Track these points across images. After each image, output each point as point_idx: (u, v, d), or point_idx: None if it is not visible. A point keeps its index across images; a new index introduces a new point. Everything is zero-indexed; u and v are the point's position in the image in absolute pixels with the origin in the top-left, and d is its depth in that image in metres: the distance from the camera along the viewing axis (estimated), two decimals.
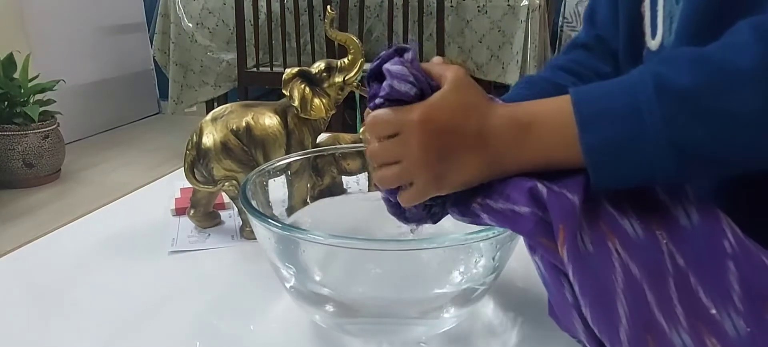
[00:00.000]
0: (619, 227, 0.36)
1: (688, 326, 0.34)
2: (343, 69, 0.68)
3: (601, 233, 0.36)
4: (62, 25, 2.83)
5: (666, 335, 0.34)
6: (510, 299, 0.55)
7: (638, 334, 0.34)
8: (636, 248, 0.36)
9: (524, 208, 0.37)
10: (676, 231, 0.37)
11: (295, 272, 0.48)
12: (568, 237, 0.35)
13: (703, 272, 0.36)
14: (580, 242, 0.35)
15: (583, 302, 0.35)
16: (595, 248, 0.36)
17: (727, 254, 0.36)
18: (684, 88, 0.34)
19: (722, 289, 0.35)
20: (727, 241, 0.36)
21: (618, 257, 0.35)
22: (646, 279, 0.35)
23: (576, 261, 0.35)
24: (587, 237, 0.36)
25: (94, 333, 0.51)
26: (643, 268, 0.35)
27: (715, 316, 0.34)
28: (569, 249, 0.35)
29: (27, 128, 2.20)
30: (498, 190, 0.39)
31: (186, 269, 0.62)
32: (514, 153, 0.39)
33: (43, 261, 0.65)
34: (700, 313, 0.35)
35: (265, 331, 0.51)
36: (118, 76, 3.22)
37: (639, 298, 0.35)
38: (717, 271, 0.35)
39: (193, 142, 0.64)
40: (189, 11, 2.38)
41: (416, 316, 0.48)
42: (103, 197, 0.83)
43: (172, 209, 0.76)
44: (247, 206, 0.47)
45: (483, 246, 0.48)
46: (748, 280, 0.35)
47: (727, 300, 0.35)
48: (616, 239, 0.36)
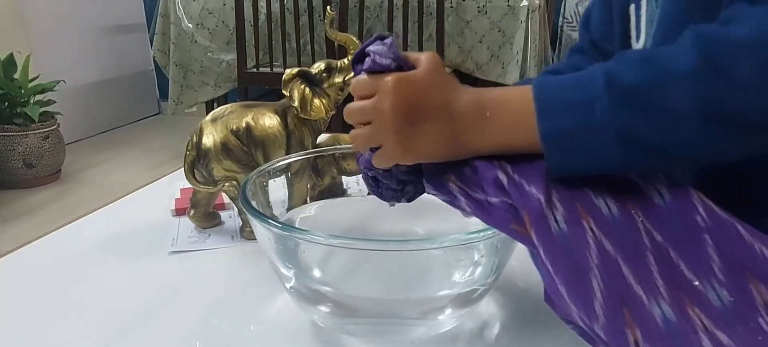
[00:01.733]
0: (594, 206, 0.38)
1: (670, 297, 0.35)
2: (343, 69, 0.68)
3: (576, 213, 0.38)
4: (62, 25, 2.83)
5: (644, 306, 0.35)
6: (510, 299, 0.55)
7: (613, 306, 0.35)
8: (610, 226, 0.37)
9: (494, 198, 0.40)
10: (650, 210, 0.39)
11: (295, 272, 0.48)
12: (535, 220, 0.37)
13: (681, 247, 0.37)
14: (553, 223, 0.37)
15: (558, 280, 0.37)
16: (569, 226, 0.37)
17: (701, 229, 0.38)
18: (629, 83, 0.37)
19: (703, 262, 0.36)
20: (698, 216, 0.38)
21: (592, 235, 0.37)
22: (621, 255, 0.36)
23: (545, 241, 0.37)
24: (560, 217, 0.38)
25: (94, 333, 0.51)
26: (618, 245, 0.37)
27: (699, 287, 0.35)
28: (537, 231, 0.37)
29: (27, 129, 2.20)
30: (473, 179, 0.41)
31: (186, 269, 0.62)
32: (477, 133, 0.41)
33: (43, 261, 0.65)
34: (683, 285, 0.36)
35: (265, 331, 0.51)
36: (118, 76, 3.22)
37: (613, 272, 0.36)
38: (695, 245, 0.37)
39: (193, 142, 0.64)
40: (189, 12, 2.38)
41: (416, 316, 0.48)
42: (103, 198, 0.83)
43: (172, 209, 0.76)
44: (247, 206, 0.47)
45: (483, 246, 0.48)
46: (726, 251, 0.37)
47: (708, 272, 0.36)
48: (590, 219, 0.38)
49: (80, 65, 2.93)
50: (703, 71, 0.35)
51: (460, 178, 0.42)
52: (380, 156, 0.44)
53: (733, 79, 0.35)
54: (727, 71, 0.35)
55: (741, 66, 0.34)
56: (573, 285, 0.36)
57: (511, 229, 0.39)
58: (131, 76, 3.31)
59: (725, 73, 0.35)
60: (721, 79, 0.35)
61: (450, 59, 2.19)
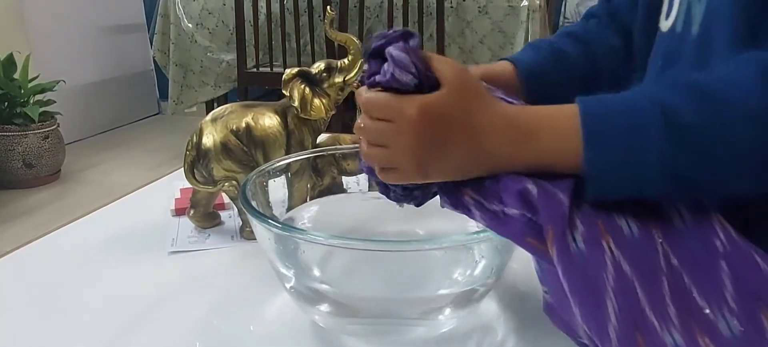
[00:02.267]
0: (615, 226, 0.37)
1: (681, 325, 0.35)
2: (343, 69, 0.68)
3: (596, 231, 0.37)
4: (62, 25, 2.83)
5: (657, 333, 0.34)
6: (510, 299, 0.55)
7: (628, 332, 0.35)
8: (630, 248, 0.36)
9: (513, 210, 0.38)
10: (670, 231, 0.38)
11: (294, 272, 0.47)
12: (557, 237, 0.36)
13: (696, 271, 0.36)
14: (571, 242, 0.36)
15: (573, 300, 0.36)
16: (588, 246, 0.36)
17: (718, 254, 0.37)
18: (688, 123, 0.35)
19: (716, 288, 0.36)
20: (718, 240, 0.37)
21: (610, 255, 0.36)
22: (638, 278, 0.36)
23: (564, 259, 0.36)
24: (580, 236, 0.36)
25: (94, 333, 0.51)
26: (636, 267, 0.36)
27: (709, 316, 0.35)
28: (558, 249, 0.36)
29: (27, 129, 2.20)
30: (491, 191, 0.40)
31: (186, 269, 0.62)
32: (508, 156, 0.39)
33: (43, 261, 0.64)
34: (694, 312, 0.35)
35: (265, 331, 0.51)
36: (118, 76, 3.22)
37: (630, 296, 0.35)
38: (710, 270, 0.36)
39: (193, 142, 0.64)
40: (189, 12, 2.38)
41: (416, 317, 0.48)
42: (103, 198, 0.83)
43: (172, 209, 0.76)
44: (247, 206, 0.47)
45: (483, 247, 0.48)
46: (741, 278, 0.36)
47: (720, 300, 0.35)
48: (610, 238, 0.36)
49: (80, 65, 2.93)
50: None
51: (477, 190, 0.40)
52: (394, 177, 0.41)
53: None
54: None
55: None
56: (588, 306, 0.36)
57: (526, 242, 0.38)
58: (131, 76, 3.31)
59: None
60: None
61: None
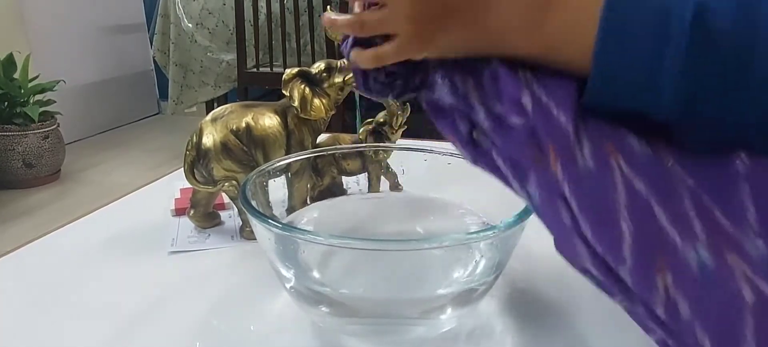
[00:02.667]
0: (625, 143, 0.33)
1: (708, 241, 0.31)
2: (343, 69, 0.68)
3: (604, 149, 0.33)
4: (62, 25, 2.83)
5: (678, 250, 0.31)
6: (510, 299, 0.55)
7: (644, 249, 0.32)
8: (642, 165, 0.33)
9: (515, 118, 0.35)
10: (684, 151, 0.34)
11: (294, 272, 0.48)
12: (560, 153, 0.33)
13: (716, 193, 0.33)
14: (579, 157, 0.33)
15: (582, 220, 0.33)
16: (596, 163, 0.33)
17: (739, 175, 0.33)
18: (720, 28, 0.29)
19: (738, 211, 0.32)
20: (739, 160, 0.33)
21: (620, 174, 0.33)
22: (654, 195, 0.32)
23: (572, 176, 0.33)
24: (587, 151, 0.33)
25: (94, 333, 0.51)
26: (651, 185, 0.32)
27: (736, 236, 0.31)
28: (563, 165, 0.33)
29: (27, 129, 2.20)
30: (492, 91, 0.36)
31: (186, 269, 0.62)
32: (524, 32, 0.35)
33: (42, 261, 0.64)
34: (719, 229, 0.32)
35: (265, 331, 0.51)
36: (118, 76, 3.22)
37: (645, 213, 0.32)
38: (730, 192, 0.33)
39: (193, 142, 0.64)
40: (189, 12, 2.38)
41: (416, 316, 0.48)
42: (102, 198, 0.83)
43: (172, 209, 0.76)
44: (246, 206, 0.47)
45: (483, 246, 0.48)
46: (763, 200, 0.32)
47: (744, 222, 0.32)
48: (619, 156, 0.33)
49: (80, 65, 2.94)
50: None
51: (482, 86, 0.36)
52: (389, 50, 0.37)
53: None
54: None
55: None
56: (600, 226, 0.33)
57: (528, 157, 0.34)
58: (131, 76, 3.31)
59: None
60: None
61: None
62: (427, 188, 0.63)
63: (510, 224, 0.43)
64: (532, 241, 0.44)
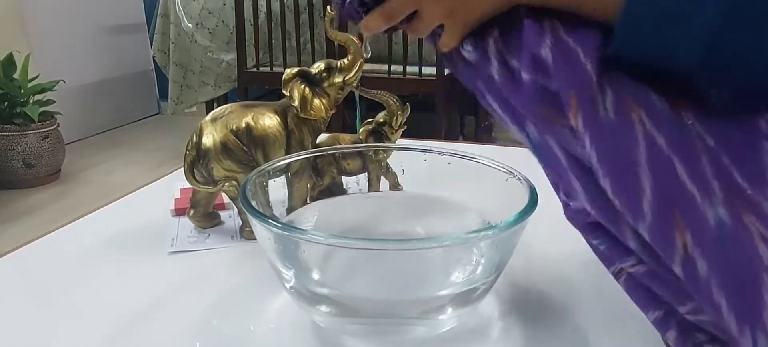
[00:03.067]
0: (647, 99, 0.33)
1: (725, 200, 0.31)
2: (343, 69, 0.68)
3: (625, 103, 0.33)
4: (62, 25, 2.83)
5: (698, 207, 0.31)
6: (510, 299, 0.55)
7: (664, 205, 0.31)
8: (664, 121, 0.33)
9: (525, 74, 0.35)
10: (704, 110, 0.34)
11: (294, 272, 0.47)
12: (583, 103, 0.33)
13: (735, 152, 0.33)
14: (601, 107, 0.33)
15: (602, 171, 0.33)
16: (618, 116, 0.33)
17: (762, 134, 0.33)
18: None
19: (758, 171, 0.32)
20: (762, 120, 0.33)
21: (642, 129, 0.33)
22: (675, 152, 0.32)
23: (594, 127, 0.33)
24: (610, 104, 0.33)
25: (94, 333, 0.51)
26: (672, 141, 0.32)
27: (752, 197, 0.32)
28: (585, 116, 0.33)
29: (27, 129, 2.20)
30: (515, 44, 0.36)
31: (186, 269, 0.62)
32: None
33: (42, 261, 0.64)
34: (737, 190, 0.32)
35: (265, 331, 0.51)
36: (118, 76, 3.22)
37: (666, 168, 0.32)
38: (752, 152, 0.33)
39: (193, 142, 0.64)
40: (189, 12, 2.38)
41: (416, 316, 0.48)
42: (102, 198, 0.83)
43: (172, 209, 0.76)
44: (247, 206, 0.47)
45: (483, 246, 0.48)
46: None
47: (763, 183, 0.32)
48: (642, 112, 0.33)
49: (80, 65, 2.94)
50: None
51: (503, 37, 0.37)
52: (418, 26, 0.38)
53: None
54: None
55: None
56: (620, 178, 0.32)
57: (537, 112, 0.35)
58: (131, 76, 3.31)
59: None
60: None
61: None
62: (427, 188, 0.63)
63: (510, 224, 0.43)
64: (533, 241, 0.44)
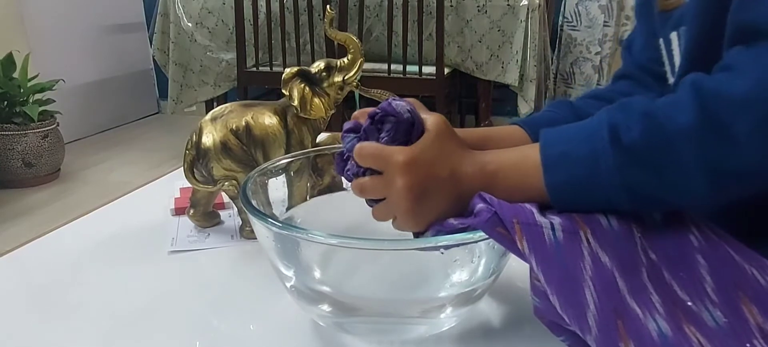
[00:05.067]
0: (593, 219, 0.39)
1: (666, 312, 0.35)
2: (342, 69, 0.68)
3: (574, 223, 0.38)
4: (62, 25, 2.83)
5: (639, 319, 0.35)
6: (510, 299, 0.55)
7: (607, 318, 0.35)
8: (608, 239, 0.38)
9: (480, 205, 0.41)
10: (647, 227, 0.39)
11: (295, 271, 0.47)
12: (526, 229, 0.38)
13: (674, 266, 0.38)
14: (548, 231, 0.38)
15: (550, 290, 0.37)
16: (565, 236, 0.38)
17: (694, 248, 0.38)
18: (633, 141, 0.38)
19: (695, 282, 0.37)
20: (692, 236, 0.39)
21: (587, 245, 0.37)
22: (617, 267, 0.37)
23: (538, 250, 0.37)
24: (558, 226, 0.38)
25: (94, 333, 0.51)
26: (615, 258, 0.37)
27: (692, 307, 0.35)
28: (529, 240, 0.38)
29: (26, 128, 2.20)
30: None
31: (185, 269, 0.62)
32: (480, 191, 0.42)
33: (42, 260, 0.64)
34: (678, 303, 0.36)
35: (265, 331, 0.51)
36: (118, 75, 3.22)
37: (608, 284, 0.36)
38: (687, 265, 0.38)
39: (193, 142, 0.64)
40: (188, 11, 2.38)
41: (416, 316, 0.48)
42: (102, 197, 0.83)
43: (172, 208, 0.76)
44: (247, 205, 0.47)
45: (483, 246, 0.48)
46: (718, 272, 0.37)
47: (701, 293, 0.36)
48: (588, 229, 0.38)
49: (80, 64, 2.93)
50: (702, 129, 0.36)
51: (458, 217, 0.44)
52: (396, 225, 0.46)
53: (731, 136, 0.35)
54: (725, 128, 0.35)
55: (739, 124, 0.35)
56: (566, 295, 0.36)
57: (497, 232, 0.40)
58: (131, 76, 3.31)
59: (723, 131, 0.36)
60: (719, 136, 0.36)
61: (450, 59, 2.19)
62: None
63: None
64: None
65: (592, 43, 2.75)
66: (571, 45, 2.81)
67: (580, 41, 2.78)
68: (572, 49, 2.82)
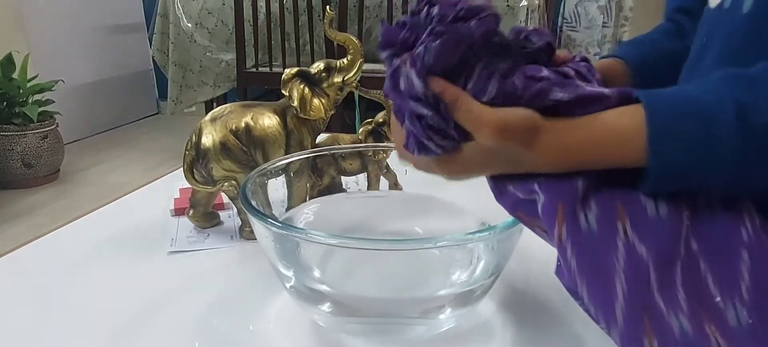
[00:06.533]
0: (638, 206, 0.36)
1: (689, 311, 0.34)
2: (342, 69, 0.68)
3: (612, 212, 0.36)
4: (61, 25, 2.83)
5: (664, 317, 0.34)
6: (510, 299, 0.55)
7: (635, 313, 0.34)
8: (650, 228, 0.35)
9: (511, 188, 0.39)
10: (697, 213, 0.36)
11: (294, 271, 0.48)
12: (567, 214, 0.36)
13: (714, 258, 0.35)
14: (583, 221, 0.36)
15: (580, 280, 0.36)
16: (600, 226, 0.36)
17: (742, 243, 0.35)
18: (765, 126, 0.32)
19: (731, 277, 0.35)
20: (744, 230, 0.36)
21: (624, 237, 0.35)
22: (654, 260, 0.35)
23: (575, 238, 0.36)
24: (593, 216, 0.36)
25: (93, 334, 0.51)
26: (653, 249, 0.35)
27: (719, 304, 0.34)
28: (569, 226, 0.36)
29: (26, 129, 2.19)
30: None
31: (185, 269, 0.62)
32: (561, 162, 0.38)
33: (42, 261, 0.64)
34: (704, 299, 0.34)
35: (265, 331, 0.51)
36: (117, 76, 3.22)
37: (641, 278, 0.35)
38: (729, 259, 0.35)
39: (193, 142, 0.64)
40: (188, 11, 2.38)
41: (416, 316, 0.48)
42: (102, 198, 0.83)
43: (171, 209, 0.76)
44: (247, 205, 0.47)
45: (482, 246, 0.48)
46: (759, 272, 0.35)
47: (734, 289, 0.34)
48: (627, 220, 0.36)
49: (79, 65, 2.93)
50: None
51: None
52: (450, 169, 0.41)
53: None
54: None
55: None
56: (596, 285, 0.35)
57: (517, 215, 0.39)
58: (130, 76, 3.31)
59: None
60: None
61: None
62: (427, 188, 0.63)
63: (508, 226, 0.43)
64: (531, 243, 0.44)
65: (591, 45, 2.75)
66: (570, 46, 2.82)
67: (580, 42, 2.78)
68: (571, 50, 2.82)
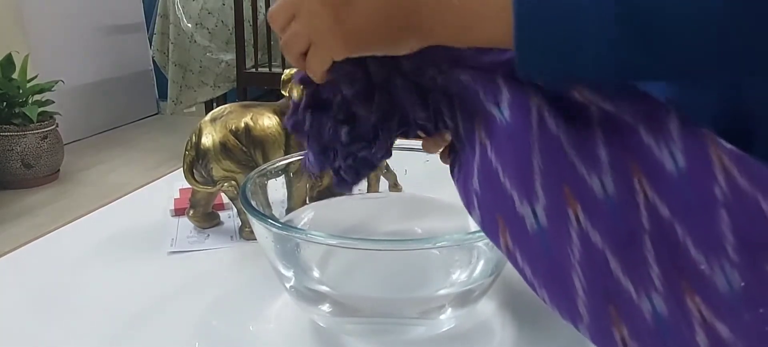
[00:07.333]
0: (586, 187, 0.33)
1: (665, 286, 0.31)
2: None
3: (562, 199, 0.33)
4: (61, 25, 2.83)
5: (632, 300, 0.31)
6: (509, 299, 0.55)
7: (597, 303, 0.32)
8: (602, 211, 0.32)
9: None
10: (659, 178, 0.32)
11: (294, 272, 0.48)
12: (508, 222, 0.34)
13: (691, 222, 0.32)
14: (530, 220, 0.33)
15: (537, 283, 0.34)
16: (550, 220, 0.33)
17: (718, 202, 0.31)
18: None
19: (715, 240, 0.31)
20: (717, 187, 0.32)
21: (577, 226, 0.32)
22: (610, 244, 0.32)
23: (521, 243, 0.34)
24: (541, 210, 0.33)
25: (93, 334, 0.51)
26: (608, 234, 0.32)
27: (705, 270, 0.31)
28: (512, 234, 0.34)
29: (25, 129, 2.20)
30: None
31: (185, 269, 0.62)
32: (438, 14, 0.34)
33: (41, 261, 0.64)
34: (686, 268, 0.31)
35: (265, 331, 0.51)
36: (117, 76, 3.22)
37: (598, 266, 0.32)
38: (707, 221, 0.31)
39: (192, 142, 0.64)
40: (188, 12, 2.38)
41: (416, 316, 0.48)
42: (101, 198, 0.83)
43: (171, 209, 0.76)
44: (246, 206, 0.47)
45: (482, 246, 0.48)
46: (744, 229, 0.31)
47: (720, 252, 0.31)
48: (578, 205, 0.32)
49: (79, 65, 2.93)
50: None
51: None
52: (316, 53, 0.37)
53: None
54: None
55: None
56: (554, 286, 0.33)
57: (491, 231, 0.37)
58: (130, 76, 3.31)
59: None
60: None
61: None
62: (427, 188, 0.63)
63: None
64: None
65: None
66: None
67: None
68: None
